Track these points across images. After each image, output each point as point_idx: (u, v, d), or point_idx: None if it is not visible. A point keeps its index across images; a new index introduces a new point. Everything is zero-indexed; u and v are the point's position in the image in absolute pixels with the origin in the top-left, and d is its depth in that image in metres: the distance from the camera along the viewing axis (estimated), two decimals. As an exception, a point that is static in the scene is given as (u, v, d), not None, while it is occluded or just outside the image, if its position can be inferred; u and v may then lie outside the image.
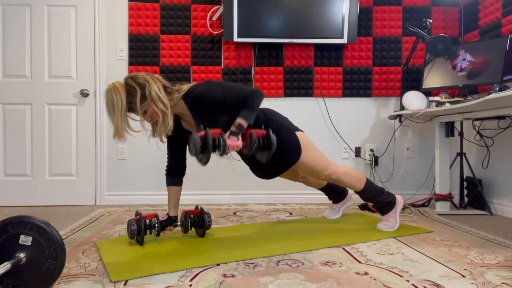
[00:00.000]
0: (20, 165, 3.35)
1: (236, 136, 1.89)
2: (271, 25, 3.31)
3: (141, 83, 1.89)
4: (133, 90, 1.88)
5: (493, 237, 2.18)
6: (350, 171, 2.31)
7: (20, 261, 1.34)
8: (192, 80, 3.40)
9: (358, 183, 2.30)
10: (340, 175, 2.25)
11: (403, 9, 3.47)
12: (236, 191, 3.46)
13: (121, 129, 1.87)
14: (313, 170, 2.22)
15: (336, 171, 2.24)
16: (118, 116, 1.85)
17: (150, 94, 1.88)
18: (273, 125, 2.10)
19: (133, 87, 1.89)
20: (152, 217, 2.10)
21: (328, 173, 2.22)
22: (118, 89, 1.86)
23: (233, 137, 1.88)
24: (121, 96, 1.85)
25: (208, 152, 1.79)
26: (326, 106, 3.48)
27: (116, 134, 1.88)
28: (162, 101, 1.90)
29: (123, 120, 1.87)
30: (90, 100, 3.38)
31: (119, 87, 1.87)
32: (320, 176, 2.26)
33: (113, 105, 1.85)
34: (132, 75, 1.94)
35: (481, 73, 2.79)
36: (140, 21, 3.38)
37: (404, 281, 1.51)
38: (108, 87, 1.88)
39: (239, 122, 1.91)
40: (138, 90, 1.88)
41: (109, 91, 1.86)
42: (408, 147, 3.51)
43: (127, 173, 3.42)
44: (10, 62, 3.32)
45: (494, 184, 3.03)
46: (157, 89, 1.90)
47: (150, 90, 1.88)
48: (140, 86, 1.89)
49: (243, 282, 1.51)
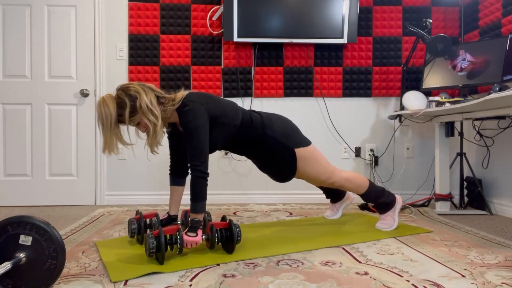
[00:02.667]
0: (20, 165, 3.35)
1: (194, 231, 1.84)
2: (271, 25, 3.31)
3: (132, 95, 1.86)
4: (123, 102, 1.85)
5: (493, 237, 2.18)
6: (352, 176, 2.30)
7: (20, 261, 1.34)
8: (192, 80, 3.40)
9: (361, 188, 2.31)
10: (343, 182, 2.26)
11: (403, 9, 3.47)
12: (236, 191, 3.46)
13: (111, 143, 1.85)
14: (316, 181, 2.26)
15: (340, 178, 2.25)
16: (107, 130, 1.82)
17: (140, 106, 1.85)
18: (267, 142, 2.08)
19: (123, 99, 1.85)
20: (152, 216, 2.09)
21: (331, 181, 2.24)
22: (107, 103, 1.83)
23: (191, 233, 1.83)
24: (110, 109, 1.82)
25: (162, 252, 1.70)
26: (326, 106, 3.48)
27: (105, 148, 1.86)
28: (153, 113, 1.86)
29: (113, 133, 1.84)
30: (90, 100, 3.38)
31: (109, 100, 1.83)
32: (324, 184, 2.29)
33: (102, 120, 1.82)
34: (124, 87, 1.89)
35: (481, 73, 2.79)
36: (140, 21, 3.38)
37: (404, 281, 1.51)
38: (99, 100, 1.86)
39: (193, 218, 1.86)
40: (128, 103, 1.84)
41: (99, 105, 1.83)
42: (408, 147, 3.51)
43: (127, 173, 3.42)
44: (10, 62, 3.32)
45: (494, 184, 3.03)
46: (148, 101, 1.86)
47: (141, 102, 1.84)
48: (130, 98, 1.85)
49: (243, 282, 1.51)
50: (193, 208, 1.87)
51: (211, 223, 1.90)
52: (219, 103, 2.02)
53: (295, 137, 2.15)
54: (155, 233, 1.74)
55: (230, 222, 1.88)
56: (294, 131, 2.18)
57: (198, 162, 1.86)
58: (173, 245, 1.79)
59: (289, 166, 2.14)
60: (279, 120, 2.17)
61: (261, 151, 2.14)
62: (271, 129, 2.08)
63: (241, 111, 2.09)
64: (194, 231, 1.84)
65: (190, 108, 1.89)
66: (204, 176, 1.87)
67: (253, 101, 3.43)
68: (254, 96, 3.44)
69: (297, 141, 2.14)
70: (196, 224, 1.85)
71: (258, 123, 2.08)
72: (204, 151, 1.88)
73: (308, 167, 2.15)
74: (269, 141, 2.08)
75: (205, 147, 1.89)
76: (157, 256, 1.72)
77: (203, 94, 2.01)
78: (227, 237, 1.87)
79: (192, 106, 1.90)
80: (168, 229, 1.81)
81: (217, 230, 1.88)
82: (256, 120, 2.09)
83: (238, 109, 2.08)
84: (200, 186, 1.87)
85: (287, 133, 2.13)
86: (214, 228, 1.87)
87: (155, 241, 1.70)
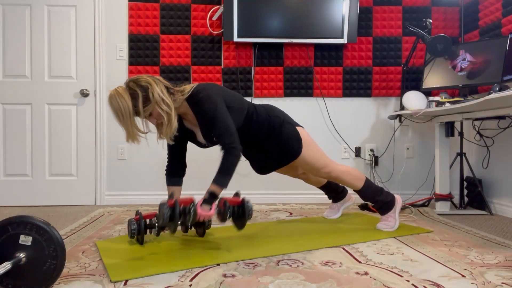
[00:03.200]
0: (20, 165, 3.35)
1: (209, 205, 1.85)
2: (271, 25, 3.31)
3: (143, 86, 1.87)
4: (136, 93, 1.86)
5: (493, 237, 2.18)
6: (349, 169, 2.32)
7: (20, 261, 1.34)
8: (192, 80, 3.40)
9: (358, 182, 2.31)
10: (340, 173, 2.26)
11: (403, 9, 3.47)
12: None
13: (133, 132, 1.87)
14: (312, 167, 2.24)
15: (336, 169, 2.26)
16: (128, 121, 1.84)
17: (153, 96, 1.87)
18: (274, 122, 2.15)
19: (135, 90, 1.87)
20: (152, 217, 2.10)
21: (327, 170, 2.24)
22: (122, 94, 1.84)
23: (206, 206, 1.84)
24: (126, 100, 1.83)
25: (175, 222, 1.72)
26: (326, 106, 3.48)
27: (129, 138, 1.88)
28: (166, 102, 1.89)
29: (133, 124, 1.86)
30: (90, 100, 3.38)
31: (122, 92, 1.84)
32: (320, 173, 2.28)
33: (120, 111, 1.83)
34: (133, 79, 1.91)
35: (481, 73, 2.79)
36: (140, 21, 3.38)
37: (404, 281, 1.51)
38: (110, 93, 1.86)
39: (212, 190, 1.87)
40: (140, 93, 1.86)
41: (113, 97, 1.83)
42: (408, 147, 3.51)
43: (127, 173, 3.42)
44: (10, 62, 3.32)
45: (494, 184, 3.03)
46: (160, 91, 1.88)
47: (153, 92, 1.87)
48: (142, 89, 1.87)
49: (243, 282, 1.51)
50: (216, 180, 1.88)
51: (224, 199, 1.94)
52: (229, 92, 2.12)
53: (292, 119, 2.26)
54: (171, 203, 1.75)
55: (243, 200, 1.95)
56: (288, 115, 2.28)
57: (229, 141, 1.91)
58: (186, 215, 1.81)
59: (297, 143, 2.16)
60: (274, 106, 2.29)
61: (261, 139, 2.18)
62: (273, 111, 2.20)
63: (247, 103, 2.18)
64: (209, 203, 1.86)
65: (205, 94, 1.94)
66: (238, 154, 1.92)
67: (253, 101, 3.41)
68: (254, 96, 3.44)
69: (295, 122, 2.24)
70: (212, 198, 1.87)
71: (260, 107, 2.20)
72: (231, 129, 1.93)
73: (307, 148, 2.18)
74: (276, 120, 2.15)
75: (232, 125, 1.94)
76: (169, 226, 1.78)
77: (213, 83, 2.10)
78: (239, 214, 1.91)
79: (206, 93, 1.95)
80: (182, 200, 1.83)
81: (230, 206, 1.93)
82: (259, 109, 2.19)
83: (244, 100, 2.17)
84: (232, 161, 1.90)
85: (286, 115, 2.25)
86: (227, 203, 1.90)
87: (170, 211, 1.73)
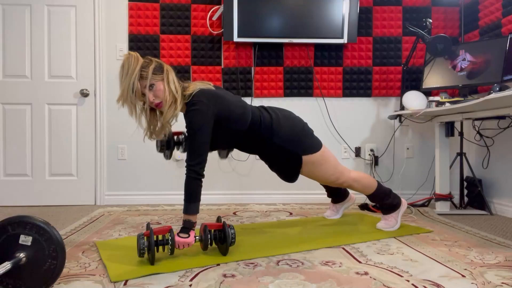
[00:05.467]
0: (20, 165, 3.35)
1: (186, 233, 1.82)
2: (271, 25, 3.31)
3: (159, 61, 1.93)
4: (150, 62, 1.89)
5: (493, 237, 2.18)
6: (361, 177, 2.31)
7: (20, 261, 1.34)
8: (192, 80, 3.40)
9: (368, 189, 2.32)
10: (352, 183, 2.28)
11: (403, 9, 3.47)
12: (236, 191, 3.46)
13: (127, 95, 1.84)
14: (326, 181, 2.28)
15: (348, 179, 2.26)
16: (128, 79, 1.82)
17: (165, 71, 1.90)
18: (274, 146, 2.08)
19: (150, 60, 1.90)
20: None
21: (340, 181, 2.26)
22: (136, 56, 1.86)
23: (183, 234, 1.82)
24: (137, 61, 1.84)
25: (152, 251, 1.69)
26: (326, 106, 3.48)
27: (121, 98, 1.85)
28: (175, 85, 1.90)
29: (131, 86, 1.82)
30: (90, 100, 3.38)
31: (137, 55, 1.87)
32: (333, 184, 2.31)
33: (127, 67, 1.83)
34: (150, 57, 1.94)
35: (481, 73, 2.79)
36: (140, 21, 3.38)
37: (404, 281, 1.51)
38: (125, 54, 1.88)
39: (186, 219, 1.84)
40: (154, 63, 1.89)
41: (126, 55, 1.86)
42: (408, 147, 3.51)
43: (127, 173, 3.42)
44: (10, 62, 3.32)
45: (494, 184, 3.03)
46: (173, 75, 1.92)
47: (168, 70, 1.91)
48: (157, 63, 1.91)
49: (243, 282, 1.51)
50: (185, 209, 1.85)
51: (204, 224, 1.88)
52: (229, 105, 1.96)
53: (305, 143, 2.12)
54: (146, 233, 1.73)
55: (224, 224, 1.85)
56: (304, 135, 2.14)
57: (194, 162, 1.85)
58: (164, 246, 1.78)
59: (293, 170, 2.16)
60: (289, 121, 2.12)
61: (268, 154, 2.17)
62: (279, 136, 2.05)
63: (251, 111, 2.04)
64: (186, 232, 1.83)
65: (198, 108, 1.86)
66: (198, 178, 1.85)
67: (253, 101, 3.42)
68: (254, 96, 3.44)
69: (305, 148, 2.11)
70: (188, 225, 1.84)
71: (266, 126, 2.04)
72: (202, 153, 1.87)
73: (316, 170, 2.16)
74: (275, 146, 2.08)
75: (204, 149, 1.88)
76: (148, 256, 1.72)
77: (213, 93, 1.93)
78: (221, 239, 1.86)
79: (200, 106, 1.86)
80: (159, 230, 1.79)
81: (211, 231, 1.86)
82: (265, 122, 2.04)
83: (247, 111, 2.02)
84: (194, 187, 1.86)
85: (296, 139, 2.10)
86: (207, 229, 1.85)
87: (146, 242, 1.69)
